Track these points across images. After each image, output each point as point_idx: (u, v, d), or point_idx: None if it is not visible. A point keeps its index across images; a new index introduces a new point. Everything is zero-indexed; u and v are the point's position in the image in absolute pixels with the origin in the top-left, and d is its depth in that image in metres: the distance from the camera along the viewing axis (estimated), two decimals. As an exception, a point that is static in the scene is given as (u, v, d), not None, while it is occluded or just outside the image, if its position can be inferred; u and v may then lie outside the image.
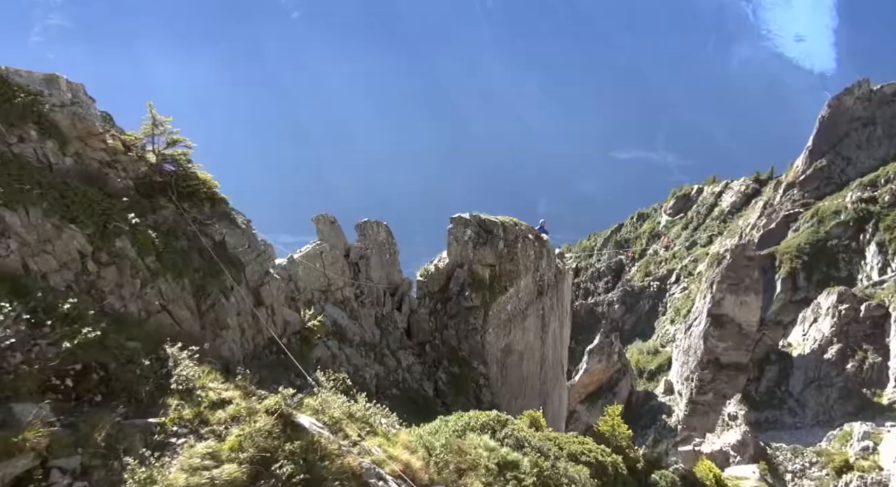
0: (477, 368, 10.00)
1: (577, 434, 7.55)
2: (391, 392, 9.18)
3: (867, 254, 55.31)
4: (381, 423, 6.37)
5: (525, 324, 10.57)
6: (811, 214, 60.41)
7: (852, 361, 46.36)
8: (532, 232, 11.17)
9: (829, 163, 60.94)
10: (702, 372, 51.71)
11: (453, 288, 10.24)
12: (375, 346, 9.83)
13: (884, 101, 58.60)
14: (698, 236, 78.86)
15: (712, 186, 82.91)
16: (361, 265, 10.28)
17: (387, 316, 10.21)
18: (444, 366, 9.83)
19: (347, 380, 7.56)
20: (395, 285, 10.31)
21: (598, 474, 6.82)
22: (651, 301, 75.86)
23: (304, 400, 6.25)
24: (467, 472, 5.81)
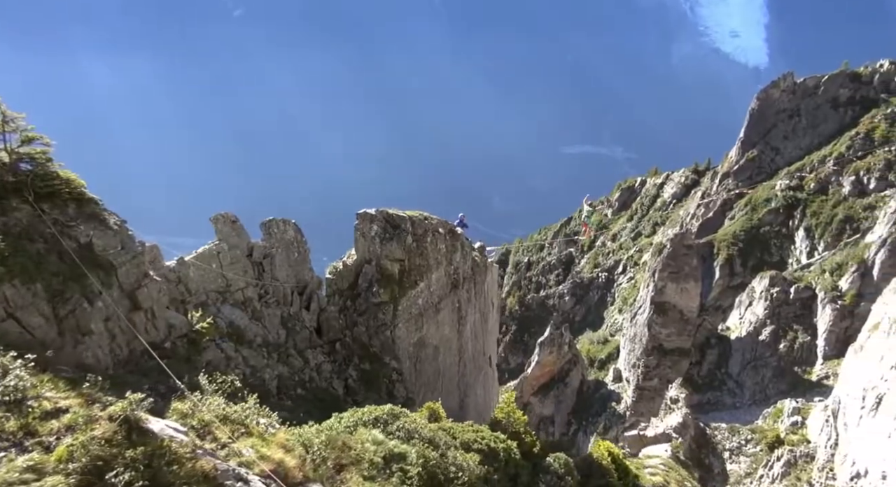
0: (389, 364, 9.88)
1: (473, 423, 7.51)
2: (296, 392, 8.92)
3: (796, 239, 58.10)
4: (258, 424, 6.15)
5: (439, 318, 10.49)
6: (745, 202, 63.02)
7: (784, 341, 48.60)
8: (443, 226, 11.08)
9: (760, 153, 63.73)
10: (647, 359, 53.18)
11: (362, 285, 10.08)
12: (280, 346, 9.55)
13: (807, 94, 61.69)
14: (643, 227, 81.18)
15: (654, 178, 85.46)
16: (266, 264, 9.95)
17: (294, 316, 9.93)
18: (354, 364, 9.64)
19: (237, 382, 7.27)
20: (305, 284, 10.02)
21: (489, 460, 6.80)
22: (600, 291, 77.62)
23: (174, 404, 5.96)
24: (348, 467, 5.68)
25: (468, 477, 6.18)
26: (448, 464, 6.22)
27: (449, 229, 11.39)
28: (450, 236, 11.05)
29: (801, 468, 32.73)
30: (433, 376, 10.24)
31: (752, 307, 52.63)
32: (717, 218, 65.77)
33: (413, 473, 5.84)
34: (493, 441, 7.09)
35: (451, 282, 10.87)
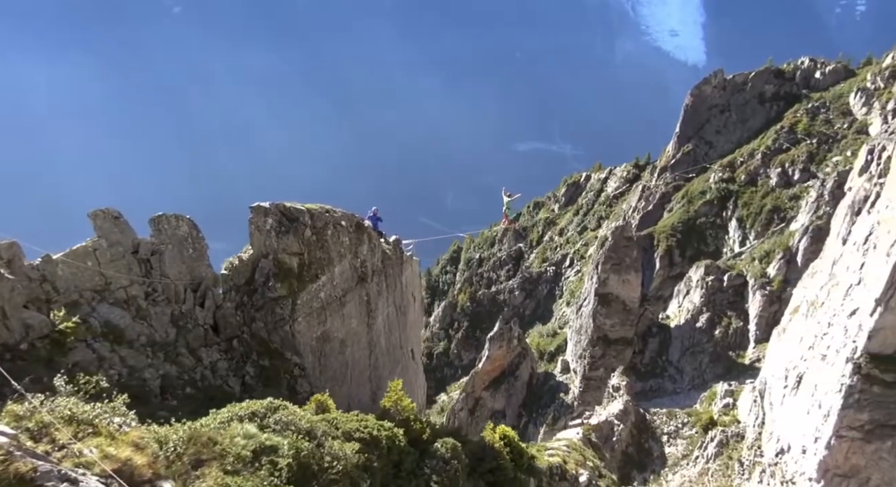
0: (290, 359, 9.71)
1: (359, 413, 7.51)
2: (184, 391, 8.66)
3: (730, 229, 60.69)
4: (112, 423, 5.92)
5: (344, 311, 10.40)
6: (682, 195, 65.36)
7: (719, 327, 50.73)
8: (348, 218, 10.97)
9: (695, 147, 66.23)
10: (593, 349, 54.45)
11: (259, 280, 9.86)
12: (168, 345, 9.24)
13: (736, 90, 64.55)
14: (588, 221, 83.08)
15: (598, 173, 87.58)
16: (154, 261, 9.60)
17: (186, 314, 9.63)
18: (253, 360, 9.43)
19: (102, 382, 7.00)
20: (200, 281, 9.74)
21: (370, 448, 6.79)
22: (548, 285, 78.96)
23: (8, 406, 5.71)
24: (209, 462, 5.54)
25: (343, 466, 6.15)
26: (323, 454, 6.17)
27: (355, 222, 11.28)
28: (355, 229, 10.94)
29: (732, 447, 34.33)
30: (341, 370, 10.15)
31: (690, 295, 54.72)
32: (657, 210, 67.97)
33: (283, 464, 5.75)
34: (376, 430, 7.08)
35: (358, 276, 10.78)
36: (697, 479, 34.64)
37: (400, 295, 13.22)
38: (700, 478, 34.57)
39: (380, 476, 6.71)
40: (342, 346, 10.36)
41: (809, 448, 27.68)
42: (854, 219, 28.55)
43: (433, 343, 79.95)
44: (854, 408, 25.07)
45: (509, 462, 8.92)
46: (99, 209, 9.83)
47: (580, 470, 10.06)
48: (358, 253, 10.91)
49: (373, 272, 11.37)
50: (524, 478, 9.04)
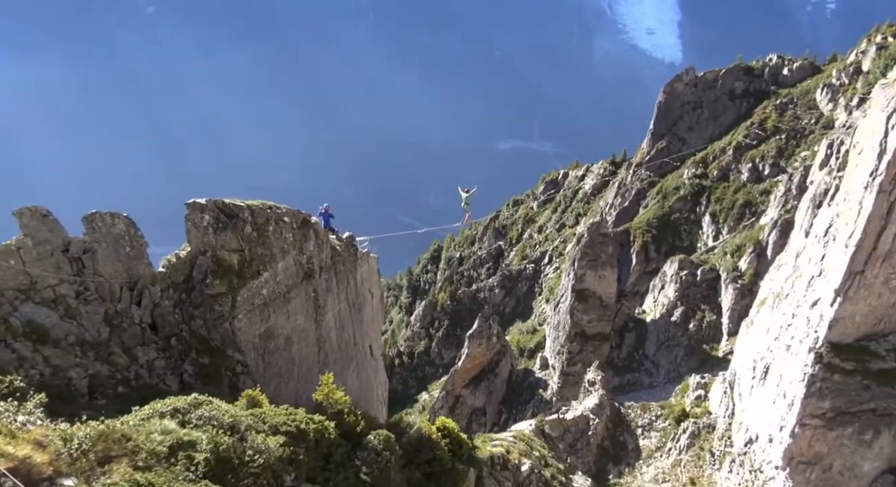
0: (232, 356, 9.66)
1: (289, 407, 7.53)
2: (116, 391, 8.58)
3: (703, 224, 61.59)
4: (13, 421, 5.86)
5: (289, 308, 10.36)
6: (657, 191, 66.17)
7: (693, 321, 51.51)
8: (292, 215, 10.93)
9: (668, 143, 67.11)
10: (570, 345, 54.92)
11: (197, 277, 9.79)
12: (100, 344, 9.13)
13: (707, 86, 65.55)
14: (566, 218, 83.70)
15: (576, 170, 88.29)
16: (86, 260, 9.48)
17: (121, 312, 9.52)
18: (192, 358, 9.37)
19: (16, 382, 6.93)
20: (137, 279, 9.64)
21: (296, 441, 6.81)
22: (528, 283, 79.43)
23: None
24: (118, 459, 5.51)
25: (266, 460, 6.18)
26: (246, 448, 6.19)
27: (301, 219, 11.24)
28: (300, 225, 10.90)
29: (703, 438, 34.93)
30: (286, 366, 10.13)
31: (665, 290, 55.45)
32: (633, 206, 68.74)
33: (200, 459, 5.73)
34: (304, 423, 7.09)
35: (304, 272, 10.75)
36: (670, 471, 35.20)
37: (354, 292, 13.24)
38: (673, 470, 35.13)
39: (306, 468, 6.75)
40: (288, 343, 10.35)
41: (775, 437, 28.28)
42: (815, 212, 29.22)
43: (414, 342, 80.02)
44: (816, 397, 25.68)
45: (447, 453, 9.00)
46: (25, 207, 9.66)
47: (523, 460, 10.15)
48: (304, 249, 10.88)
49: (321, 268, 11.35)
50: (462, 468, 9.12)
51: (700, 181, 62.55)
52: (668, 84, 66.82)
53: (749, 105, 63.24)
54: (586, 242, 55.32)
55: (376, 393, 14.85)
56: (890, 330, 25.07)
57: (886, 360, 24.81)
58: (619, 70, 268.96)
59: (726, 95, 64.57)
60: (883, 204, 23.49)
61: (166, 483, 5.30)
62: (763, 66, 64.90)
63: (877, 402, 24.80)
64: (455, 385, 59.45)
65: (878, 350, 25.03)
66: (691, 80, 65.64)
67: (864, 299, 24.79)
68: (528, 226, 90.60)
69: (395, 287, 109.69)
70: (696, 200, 62.50)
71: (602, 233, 56.22)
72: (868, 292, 24.65)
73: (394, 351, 79.54)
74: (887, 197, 23.37)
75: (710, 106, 64.95)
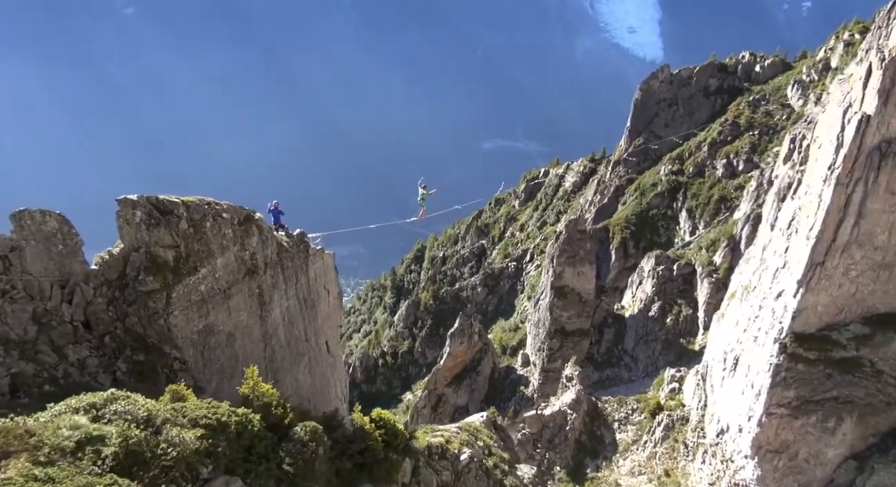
0: (169, 353, 9.66)
1: (212, 400, 7.59)
2: (41, 389, 8.55)
3: (680, 220, 62.33)
4: None
5: (231, 304, 10.35)
6: (634, 188, 66.83)
7: (670, 315, 52.09)
8: (233, 211, 10.93)
9: (645, 140, 67.79)
10: (550, 342, 55.23)
11: (130, 274, 9.77)
12: (27, 343, 9.09)
13: (682, 84, 66.35)
14: (547, 216, 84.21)
15: (556, 168, 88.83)
16: (13, 258, 9.40)
17: (51, 311, 9.48)
18: (126, 356, 9.36)
19: None
20: (69, 277, 9.60)
21: (216, 434, 6.86)
22: (510, 281, 79.79)
23: None
24: (16, 454, 5.52)
25: (179, 452, 6.23)
26: (160, 441, 6.24)
27: (244, 215, 11.23)
28: (243, 221, 10.89)
29: (677, 430, 35.40)
30: (229, 363, 10.14)
31: (642, 285, 56.02)
32: (612, 203, 69.37)
33: (108, 453, 5.76)
34: (225, 416, 7.16)
35: (247, 268, 10.75)
36: (646, 463, 35.63)
37: (305, 288, 13.30)
38: (648, 462, 35.57)
39: (225, 460, 6.82)
40: (230, 339, 10.38)
41: (744, 427, 28.78)
42: (780, 206, 29.78)
43: (398, 342, 79.95)
44: (781, 386, 26.18)
45: (380, 444, 9.13)
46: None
47: (463, 449, 10.29)
48: (246, 245, 10.89)
49: (266, 264, 11.37)
50: (396, 458, 9.24)
51: (676, 177, 63.30)
52: (644, 81, 67.52)
53: (723, 101, 64.14)
54: (564, 239, 55.66)
55: (334, 389, 14.93)
56: (851, 320, 25.64)
57: (847, 349, 25.38)
58: (601, 68, 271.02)
59: (701, 92, 65.42)
60: (841, 196, 24.03)
61: (68, 477, 5.33)
62: (736, 64, 65.86)
63: (839, 390, 25.36)
64: (437, 383, 59.49)
65: (840, 339, 25.59)
66: (667, 78, 66.39)
67: (826, 290, 25.33)
68: (510, 225, 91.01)
69: (379, 287, 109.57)
70: (673, 196, 63.22)
71: (580, 230, 56.60)
72: (829, 283, 25.20)
73: (377, 352, 79.43)
74: (845, 189, 23.92)
75: (685, 103, 65.76)
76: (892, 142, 22.81)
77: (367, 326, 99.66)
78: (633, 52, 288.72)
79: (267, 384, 9.20)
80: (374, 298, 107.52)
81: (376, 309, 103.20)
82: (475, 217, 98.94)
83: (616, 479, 35.67)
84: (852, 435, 25.29)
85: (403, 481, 9.39)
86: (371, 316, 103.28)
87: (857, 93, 23.46)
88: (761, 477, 27.44)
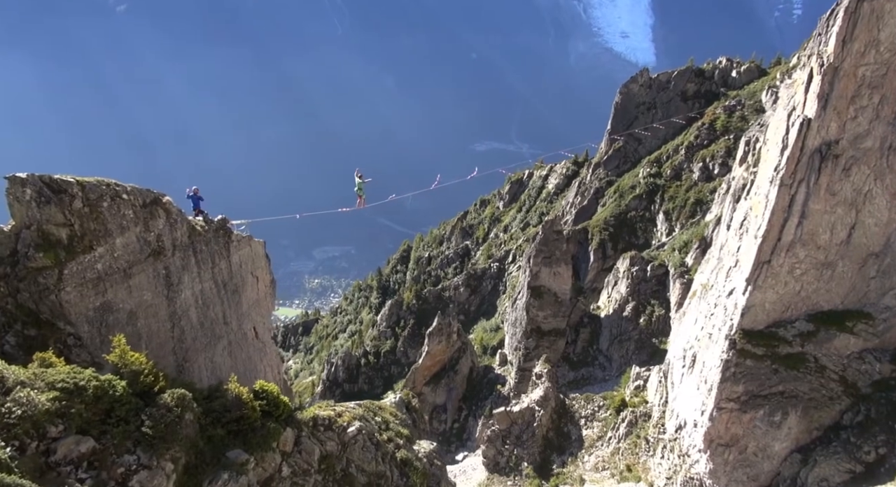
0: (63, 329, 10.05)
1: (77, 366, 8.04)
2: None
3: (658, 222, 63.15)
4: None
5: (132, 283, 10.66)
6: (614, 190, 67.65)
7: (644, 316, 52.84)
8: (136, 193, 11.23)
9: (625, 143, 68.64)
10: (527, 341, 55.86)
11: (21, 250, 10.17)
12: None
13: (660, 88, 67.26)
14: (531, 217, 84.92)
15: (540, 170, 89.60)
16: None
17: None
18: (16, 330, 9.77)
19: None
20: None
21: (71, 396, 7.33)
22: (493, 281, 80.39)
23: None
24: None
25: (24, 412, 6.69)
26: (6, 401, 6.71)
27: (152, 197, 11.58)
28: (148, 203, 11.24)
29: (640, 426, 36.06)
30: (131, 340, 10.44)
31: (617, 286, 56.77)
32: (592, 205, 70.16)
33: None
34: (85, 380, 7.62)
35: (152, 249, 11.13)
36: (609, 459, 36.27)
37: (226, 273, 13.71)
38: (612, 458, 36.21)
39: (79, 421, 7.31)
40: (132, 318, 10.74)
41: (698, 422, 29.46)
42: (735, 207, 30.53)
43: (380, 341, 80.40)
44: (731, 381, 26.87)
45: (257, 413, 9.62)
46: None
47: (353, 422, 10.79)
48: (150, 226, 11.27)
49: (174, 246, 11.78)
50: (274, 426, 9.73)
51: (654, 180, 64.14)
52: (624, 85, 68.44)
53: (700, 106, 65.06)
54: (541, 240, 56.35)
55: (263, 374, 15.39)
56: (796, 317, 26.37)
57: (793, 345, 26.09)
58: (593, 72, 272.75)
59: (679, 97, 66.36)
60: (785, 197, 24.78)
61: None
62: (713, 69, 66.84)
63: (785, 385, 26.06)
64: (416, 382, 59.92)
65: (786, 335, 26.31)
66: (646, 82, 67.32)
67: (772, 287, 26.06)
68: (494, 226, 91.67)
69: (365, 288, 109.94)
70: (651, 199, 64.04)
71: (556, 231, 57.30)
72: (775, 281, 25.93)
73: (360, 351, 79.83)
74: (788, 190, 24.67)
75: (663, 107, 66.67)
76: (832, 145, 23.58)
77: (353, 326, 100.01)
78: (626, 56, 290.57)
79: (173, 362, 9.68)
80: (361, 298, 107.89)
81: (362, 309, 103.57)
82: (460, 218, 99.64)
83: (581, 474, 36.28)
84: (797, 429, 25.98)
85: (285, 449, 9.88)
86: (357, 316, 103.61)
87: (800, 97, 24.25)
88: (713, 471, 28.11)
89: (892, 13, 21.36)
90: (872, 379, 25.33)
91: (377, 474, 10.40)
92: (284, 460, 9.47)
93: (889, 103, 22.64)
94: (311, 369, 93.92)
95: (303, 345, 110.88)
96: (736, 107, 60.64)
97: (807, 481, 24.90)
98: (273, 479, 9.18)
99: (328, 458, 10.19)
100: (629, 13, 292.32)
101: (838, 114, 23.10)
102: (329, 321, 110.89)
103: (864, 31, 21.75)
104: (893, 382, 24.98)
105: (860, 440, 24.17)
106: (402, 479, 10.73)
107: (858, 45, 21.99)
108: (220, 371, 11.79)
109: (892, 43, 21.75)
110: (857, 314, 25.61)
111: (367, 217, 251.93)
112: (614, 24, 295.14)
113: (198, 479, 8.24)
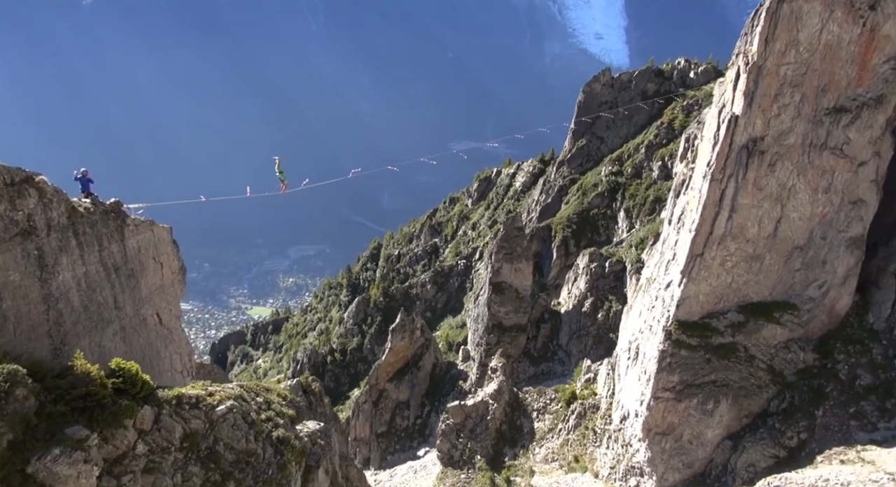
0: None
1: None
2: None
3: (619, 219, 64.24)
4: None
5: None
6: (577, 188, 68.62)
7: (601, 311, 53.67)
8: (3, 171, 10.97)
9: (588, 142, 69.68)
10: (488, 337, 56.27)
11: None
12: None
13: (622, 87, 68.44)
14: (498, 215, 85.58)
15: (508, 168, 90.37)
16: None
17: None
18: None
19: None
20: None
21: None
22: (460, 278, 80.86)
23: None
24: None
25: None
26: None
27: (24, 176, 11.34)
28: (16, 182, 11.03)
29: (588, 418, 36.77)
30: None
31: (577, 282, 57.59)
32: (556, 203, 71.05)
33: None
34: None
35: (21, 229, 10.98)
36: (559, 450, 36.91)
37: (119, 257, 13.64)
38: (561, 449, 36.85)
39: None
40: None
41: (639, 412, 30.18)
42: (675, 202, 31.33)
43: (347, 339, 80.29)
44: (667, 371, 27.61)
45: (107, 390, 9.67)
46: None
47: (225, 401, 10.91)
48: (18, 205, 11.12)
49: (49, 227, 11.65)
50: (128, 404, 9.79)
51: (616, 178, 65.24)
52: (587, 84, 69.43)
53: (660, 106, 66.33)
54: (502, 236, 56.91)
55: (169, 361, 15.40)
56: (728, 308, 27.21)
57: (725, 335, 26.93)
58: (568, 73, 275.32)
59: (639, 96, 67.58)
60: (715, 191, 25.56)
61: None
62: (672, 69, 68.23)
63: (717, 374, 26.88)
64: (379, 379, 60.01)
65: (719, 326, 27.13)
66: (608, 81, 68.39)
67: (705, 279, 26.85)
68: (462, 223, 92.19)
69: (336, 286, 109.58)
70: (613, 196, 65.13)
71: (517, 228, 57.92)
72: (708, 273, 26.72)
73: (326, 349, 79.63)
74: (719, 185, 25.45)
75: (625, 105, 67.82)
76: (758, 141, 24.40)
77: (323, 324, 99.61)
78: (600, 57, 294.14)
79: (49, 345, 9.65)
80: (331, 297, 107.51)
81: (332, 307, 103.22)
82: (430, 216, 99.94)
83: (531, 466, 36.86)
84: (728, 417, 26.82)
85: (143, 427, 9.98)
86: (327, 314, 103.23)
87: (729, 94, 25.04)
88: (651, 459, 28.85)
89: (809, 14, 22.21)
90: (797, 367, 26.29)
91: (247, 452, 10.51)
92: (141, 438, 9.56)
93: (809, 101, 23.52)
94: (279, 367, 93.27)
95: (272, 344, 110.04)
96: (693, 107, 61.98)
97: (736, 466, 25.73)
98: (126, 456, 9.26)
99: (192, 436, 10.29)
100: (603, 15, 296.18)
101: (763, 111, 23.92)
102: (299, 319, 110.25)
103: (785, 31, 22.57)
104: (816, 370, 25.96)
105: (784, 426, 25.07)
106: (276, 457, 10.86)
107: (780, 44, 22.80)
108: (110, 356, 11.78)
109: (810, 43, 22.61)
110: (784, 305, 26.54)
111: (343, 215, 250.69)
112: (589, 26, 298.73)
113: (24, 455, 8.29)
